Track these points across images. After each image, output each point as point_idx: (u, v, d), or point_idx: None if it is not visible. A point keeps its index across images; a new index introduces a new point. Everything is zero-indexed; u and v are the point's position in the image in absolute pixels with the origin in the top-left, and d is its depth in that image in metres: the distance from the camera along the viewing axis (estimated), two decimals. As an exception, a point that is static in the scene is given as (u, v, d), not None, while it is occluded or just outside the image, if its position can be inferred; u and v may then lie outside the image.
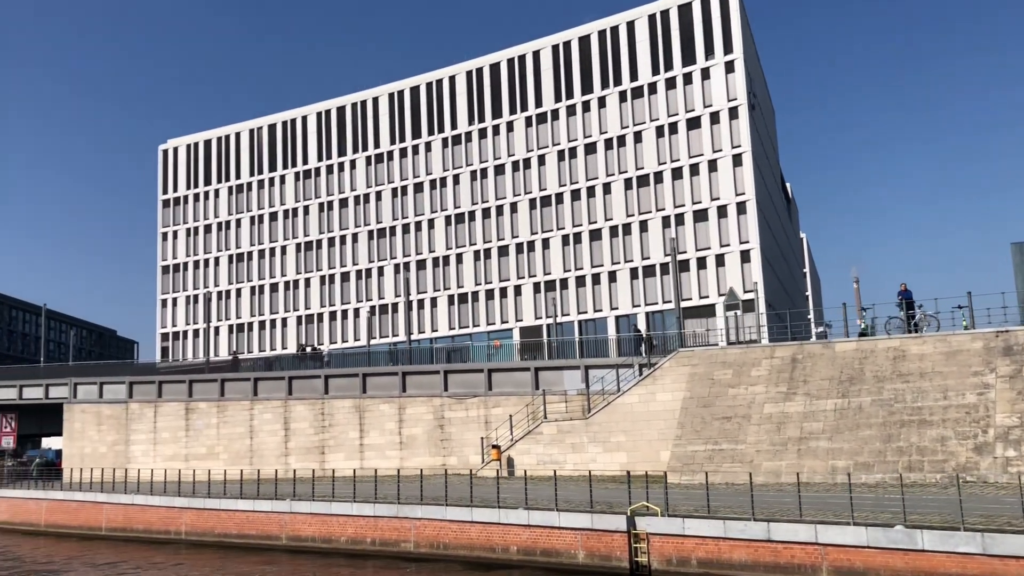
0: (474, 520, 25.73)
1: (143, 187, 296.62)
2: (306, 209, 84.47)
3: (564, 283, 71.33)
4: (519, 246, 73.86)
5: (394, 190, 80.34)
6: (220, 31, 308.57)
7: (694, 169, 67.41)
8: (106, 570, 30.09)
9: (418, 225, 78.68)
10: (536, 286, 72.56)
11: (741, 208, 65.24)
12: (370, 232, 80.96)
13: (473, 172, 76.82)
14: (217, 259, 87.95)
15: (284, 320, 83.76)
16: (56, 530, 40.83)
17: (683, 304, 66.00)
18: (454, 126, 78.35)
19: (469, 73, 78.50)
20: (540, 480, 31.90)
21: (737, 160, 65.76)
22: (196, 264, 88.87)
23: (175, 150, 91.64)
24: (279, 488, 34.45)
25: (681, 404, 35.34)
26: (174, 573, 28.65)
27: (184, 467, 50.65)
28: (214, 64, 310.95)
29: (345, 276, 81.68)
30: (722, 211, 65.79)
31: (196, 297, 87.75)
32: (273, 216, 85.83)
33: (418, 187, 79.28)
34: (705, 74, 67.80)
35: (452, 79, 79.35)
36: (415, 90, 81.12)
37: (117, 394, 57.23)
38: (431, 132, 79.47)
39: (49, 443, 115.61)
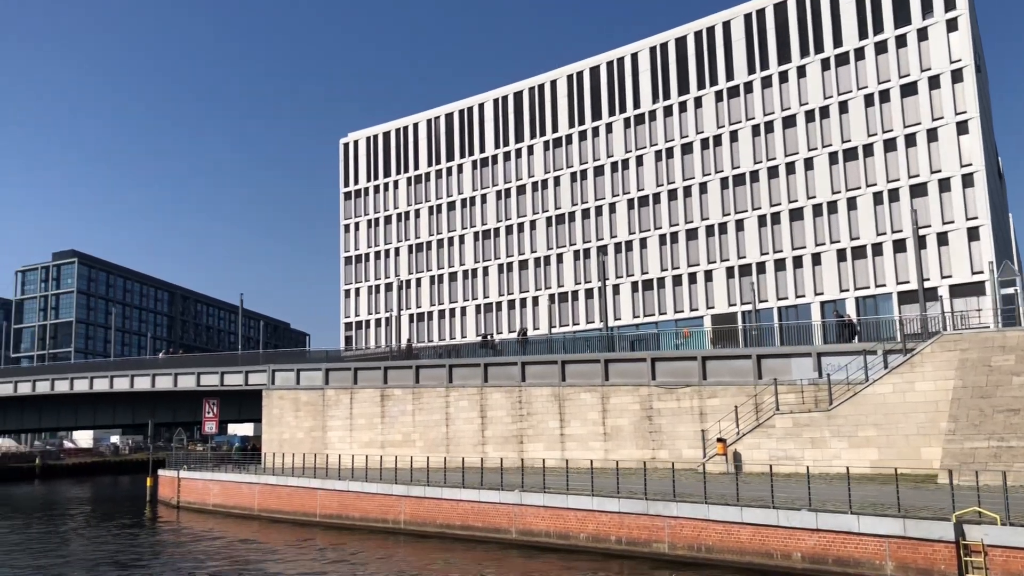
0: (744, 521, 22.65)
1: (322, 181, 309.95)
2: (484, 197, 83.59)
3: (761, 267, 66.66)
4: (709, 228, 69.75)
5: (573, 174, 78.02)
6: (395, 24, 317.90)
7: (910, 140, 61.17)
8: (331, 557, 29.12)
9: (599, 210, 75.99)
10: (729, 271, 68.27)
11: (967, 181, 58.54)
12: (548, 218, 79.03)
13: (657, 152, 73.33)
14: (397, 249, 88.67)
15: (463, 309, 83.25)
16: (269, 515, 40.86)
17: (899, 288, 60.20)
18: (636, 105, 75.10)
19: (652, 50, 75.02)
20: (779, 477, 28.39)
21: (962, 128, 59.06)
22: (377, 255, 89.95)
23: (355, 143, 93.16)
24: (484, 478, 32.74)
25: (952, 394, 30.79)
26: (401, 565, 27.20)
27: (380, 454, 50.27)
28: (391, 58, 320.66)
29: (524, 264, 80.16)
30: (944, 185, 59.30)
31: (377, 287, 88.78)
32: (451, 205, 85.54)
33: (598, 170, 76.61)
34: (922, 35, 61.33)
35: (634, 56, 76.12)
36: (595, 70, 78.45)
37: (313, 381, 57.74)
38: (611, 113, 76.57)
39: (234, 429, 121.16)
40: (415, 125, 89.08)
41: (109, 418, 73.32)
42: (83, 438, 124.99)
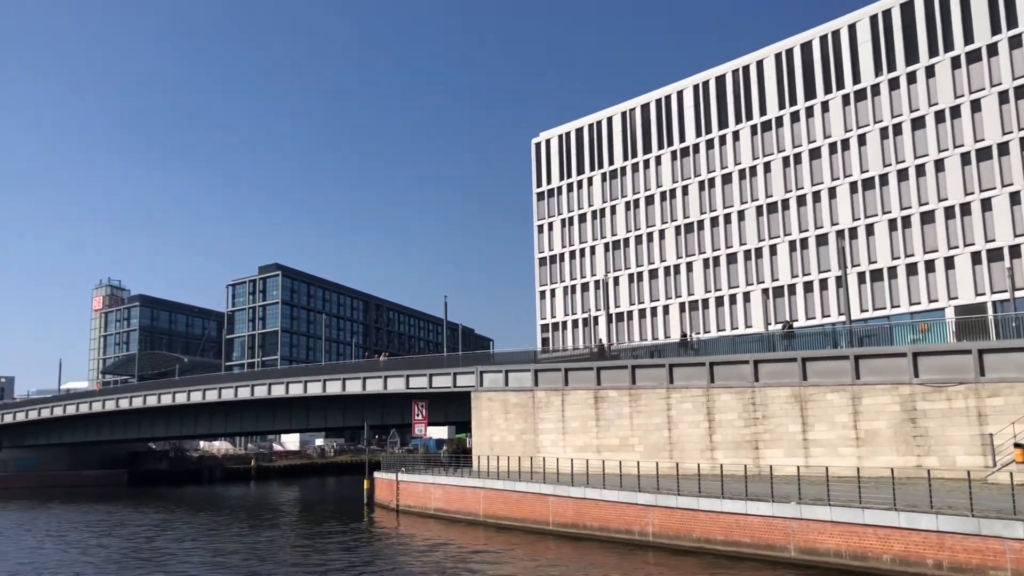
0: None
1: (504, 184, 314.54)
2: (684, 189, 79.38)
3: (1015, 250, 58.62)
4: (948, 210, 62.29)
5: (784, 159, 72.36)
6: (578, 19, 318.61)
7: None
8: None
9: (816, 196, 69.97)
10: (975, 256, 60.55)
11: None
12: (758, 207, 73.73)
13: (883, 129, 66.49)
14: (593, 248, 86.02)
15: (666, 308, 79.31)
16: (495, 521, 38.95)
17: None
18: (856, 80, 68.55)
19: (874, 18, 68.37)
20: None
21: None
22: (572, 254, 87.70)
23: (547, 142, 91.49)
24: (725, 486, 29.07)
25: None
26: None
27: (596, 458, 47.46)
28: (578, 55, 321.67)
29: (731, 258, 75.23)
30: None
31: (573, 287, 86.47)
32: (649, 199, 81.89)
33: (814, 153, 70.58)
34: None
35: (852, 27, 69.65)
36: (806, 46, 72.47)
37: (522, 382, 55.83)
38: (827, 91, 70.34)
39: (430, 432, 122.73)
40: (608, 119, 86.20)
41: (320, 421, 75.05)
42: (290, 441, 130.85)
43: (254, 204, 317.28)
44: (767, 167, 73.70)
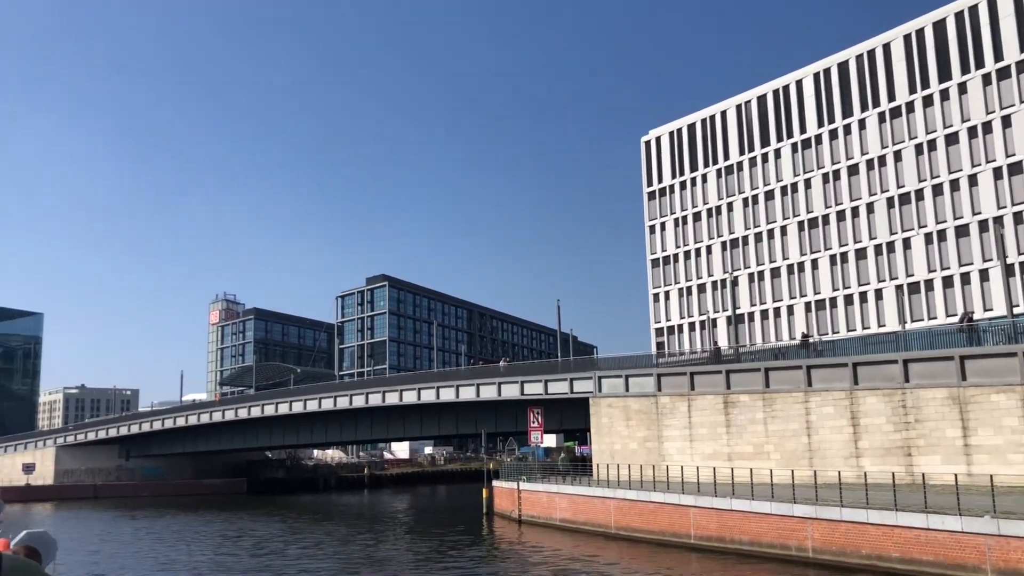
0: None
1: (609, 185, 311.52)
2: (807, 182, 75.21)
3: None
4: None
5: (918, 146, 67.52)
6: (682, 13, 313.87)
7: None
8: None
9: (954, 184, 64.95)
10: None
11: None
12: (889, 199, 69.02)
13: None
14: (709, 247, 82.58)
15: (790, 308, 75.19)
16: (628, 533, 36.70)
17: None
18: (998, 58, 63.38)
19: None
20: None
21: None
22: (687, 255, 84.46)
23: (657, 140, 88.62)
24: (871, 497, 25.96)
25: None
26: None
27: (726, 466, 44.50)
28: (682, 50, 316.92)
29: (861, 253, 70.66)
30: None
31: (688, 289, 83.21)
32: (769, 195, 78.01)
33: (951, 138, 65.61)
34: None
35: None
36: (940, 24, 67.57)
37: (644, 387, 53.29)
38: (964, 71, 65.30)
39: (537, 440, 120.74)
40: (722, 113, 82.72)
41: (433, 429, 74.24)
42: (400, 449, 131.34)
43: (363, 216, 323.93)
44: (897, 156, 68.95)
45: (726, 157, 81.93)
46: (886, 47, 70.76)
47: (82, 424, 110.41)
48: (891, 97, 69.89)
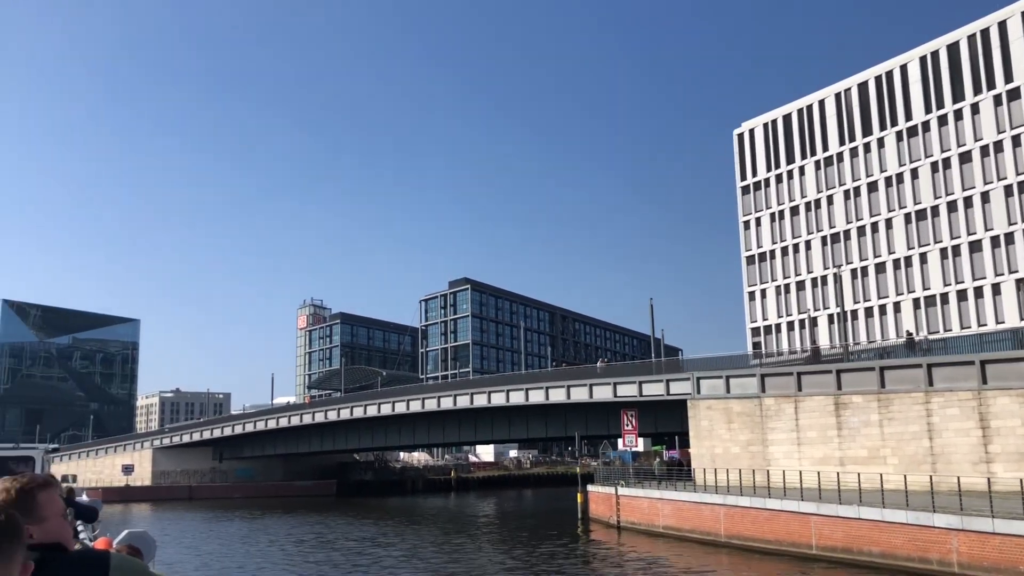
0: None
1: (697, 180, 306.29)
2: (914, 172, 71.06)
3: None
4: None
5: (1035, 131, 63.07)
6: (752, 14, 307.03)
7: None
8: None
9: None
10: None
11: None
12: (1007, 187, 64.49)
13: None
14: (808, 242, 78.95)
15: (896, 305, 71.13)
16: (740, 542, 34.40)
17: None
18: (1008, 79, 58.73)
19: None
20: None
21: None
22: (784, 251, 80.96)
23: (751, 132, 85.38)
24: (1011, 506, 23.07)
25: None
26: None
27: (839, 471, 41.64)
28: (774, 40, 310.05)
29: (975, 245, 66.26)
30: None
31: (787, 286, 79.71)
32: (872, 186, 74.03)
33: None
34: None
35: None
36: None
37: (746, 388, 50.65)
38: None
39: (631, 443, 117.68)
40: (820, 102, 79.04)
41: (521, 431, 72.92)
42: (485, 452, 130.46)
43: (445, 217, 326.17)
44: (1016, 141, 64.44)
45: (825, 148, 78.20)
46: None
47: (177, 426, 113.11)
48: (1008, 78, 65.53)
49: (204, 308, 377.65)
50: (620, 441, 57.89)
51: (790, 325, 78.69)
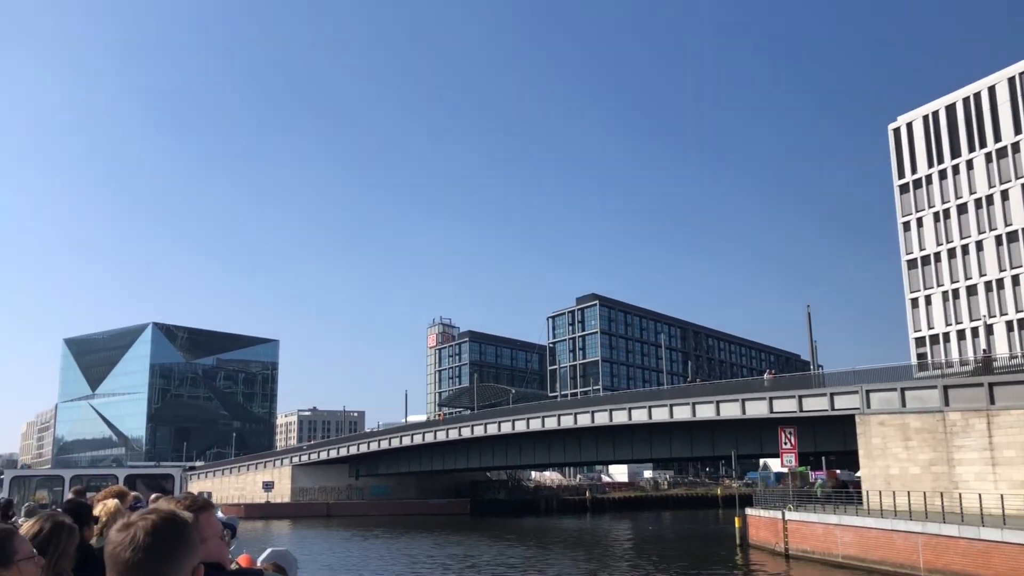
0: None
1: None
2: (1104, 159, 63.33)
3: None
4: None
5: None
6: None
7: None
8: None
9: None
10: None
11: None
12: None
13: None
14: (979, 243, 71.65)
15: (1089, 309, 63.31)
16: (944, 577, 29.72)
17: None
18: None
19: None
20: None
21: None
22: (951, 252, 73.83)
23: (908, 126, 78.71)
24: None
25: None
26: None
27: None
28: (925, 29, 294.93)
29: None
30: None
31: (955, 292, 72.53)
32: (1055, 178, 66.53)
33: None
34: None
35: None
36: None
37: (925, 402, 45.26)
38: None
39: (770, 464, 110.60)
40: (989, 88, 71.82)
41: (664, 450, 69.06)
42: (618, 472, 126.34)
43: (572, 233, 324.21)
44: None
45: (997, 138, 70.86)
46: None
47: (315, 443, 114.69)
48: None
49: (338, 328, 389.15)
50: (779, 460, 53.10)
51: (960, 334, 71.42)
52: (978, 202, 71.85)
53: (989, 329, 68.92)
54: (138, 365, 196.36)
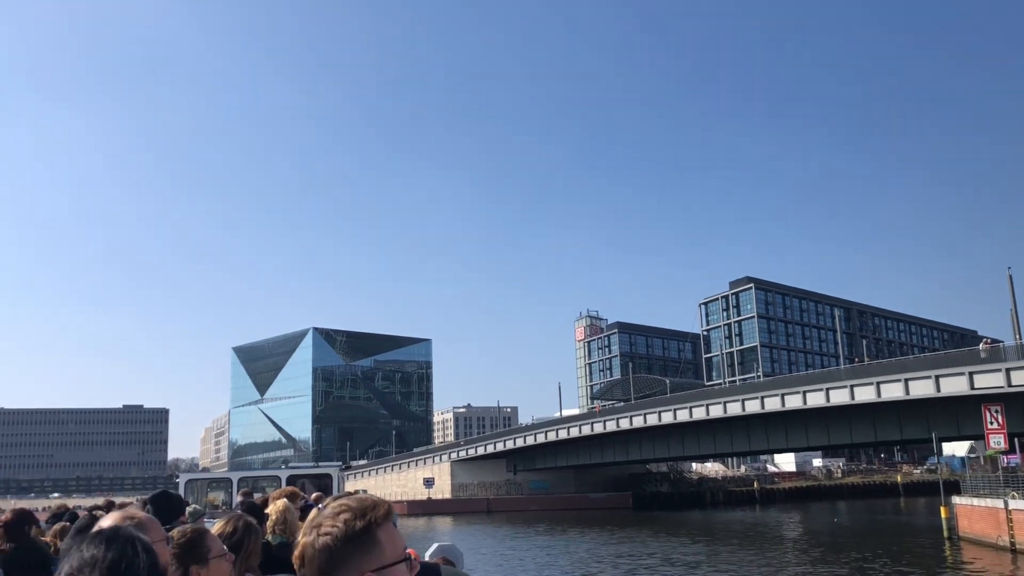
0: None
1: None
2: None
3: None
4: None
5: None
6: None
7: None
8: None
9: None
10: None
11: None
12: None
13: None
14: None
15: None
16: None
17: None
18: None
19: None
20: None
21: None
22: None
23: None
24: None
25: None
26: None
27: None
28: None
29: None
30: None
31: None
32: None
33: None
34: None
35: None
36: None
37: None
38: None
39: (952, 448, 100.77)
40: None
41: (844, 435, 63.63)
42: (785, 462, 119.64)
43: (719, 216, 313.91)
44: None
45: None
46: None
47: (472, 439, 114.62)
48: None
49: (486, 325, 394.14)
50: (985, 442, 47.02)
51: None
52: None
53: None
54: (301, 369, 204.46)
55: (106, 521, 2.61)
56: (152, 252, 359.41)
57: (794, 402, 60.58)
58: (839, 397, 57.14)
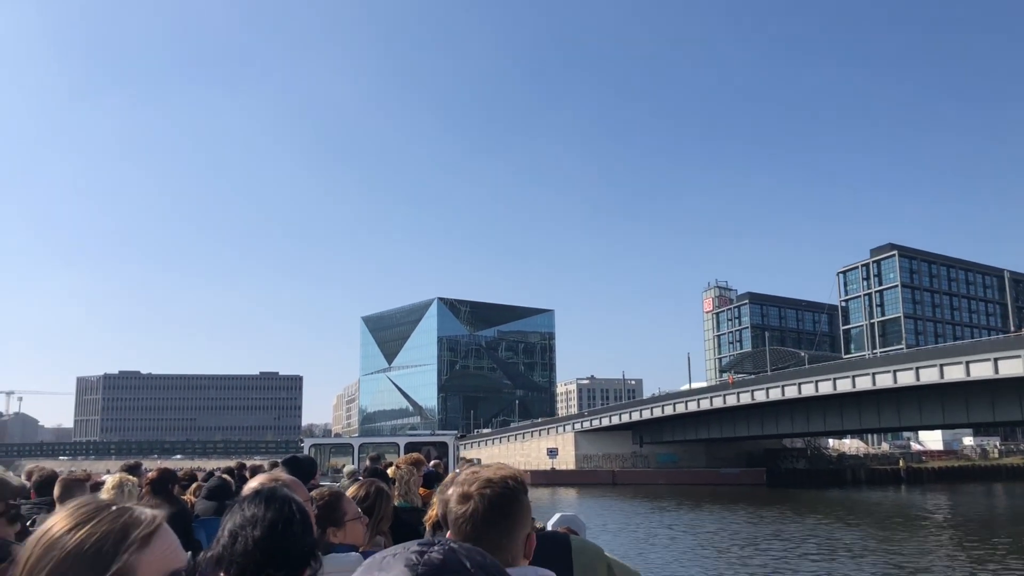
0: None
1: None
2: None
3: None
4: None
5: None
6: None
7: None
8: None
9: None
10: None
11: None
12: None
13: None
14: None
15: None
16: None
17: None
18: None
19: None
20: None
21: None
22: None
23: None
24: None
25: None
26: None
27: None
28: None
29: None
30: None
31: None
32: None
33: None
34: None
35: None
36: None
37: None
38: None
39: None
40: None
41: (1015, 410, 57.38)
42: (930, 439, 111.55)
43: (858, 181, 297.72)
44: None
45: None
46: None
47: (596, 410, 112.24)
48: None
49: (609, 296, 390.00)
50: None
51: None
52: None
53: None
54: (427, 339, 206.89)
55: (253, 482, 2.83)
56: (288, 232, 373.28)
57: (955, 374, 55.00)
58: (1010, 368, 51.28)
